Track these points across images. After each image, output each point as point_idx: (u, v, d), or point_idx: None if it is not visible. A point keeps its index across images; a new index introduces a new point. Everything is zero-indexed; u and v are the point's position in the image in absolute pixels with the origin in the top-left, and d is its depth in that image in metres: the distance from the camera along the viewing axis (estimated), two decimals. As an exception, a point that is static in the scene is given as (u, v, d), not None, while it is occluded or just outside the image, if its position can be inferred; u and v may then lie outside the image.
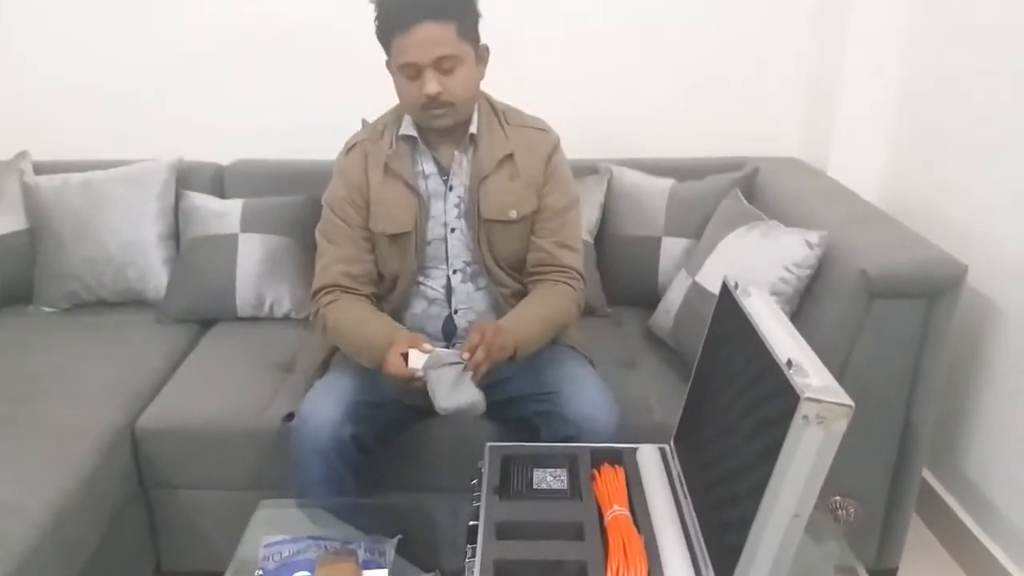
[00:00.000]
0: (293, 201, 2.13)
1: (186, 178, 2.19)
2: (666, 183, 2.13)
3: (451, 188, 1.59)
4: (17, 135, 2.26)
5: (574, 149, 1.76)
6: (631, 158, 2.26)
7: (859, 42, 2.14)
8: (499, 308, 1.63)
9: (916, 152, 2.10)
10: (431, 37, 1.42)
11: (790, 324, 1.11)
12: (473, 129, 1.57)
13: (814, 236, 1.63)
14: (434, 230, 1.60)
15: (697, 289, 1.80)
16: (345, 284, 1.59)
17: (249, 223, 2.07)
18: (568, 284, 1.60)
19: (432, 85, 1.45)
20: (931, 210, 1.98)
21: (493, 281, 1.62)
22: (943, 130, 1.97)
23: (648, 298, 2.06)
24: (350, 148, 1.64)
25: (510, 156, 1.58)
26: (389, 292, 1.65)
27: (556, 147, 1.64)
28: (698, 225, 2.01)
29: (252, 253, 2.04)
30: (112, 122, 2.33)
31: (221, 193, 2.22)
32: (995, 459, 1.80)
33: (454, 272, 1.63)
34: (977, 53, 1.84)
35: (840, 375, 1.57)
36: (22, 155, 2.21)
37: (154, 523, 1.76)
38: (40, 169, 2.19)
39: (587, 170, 2.16)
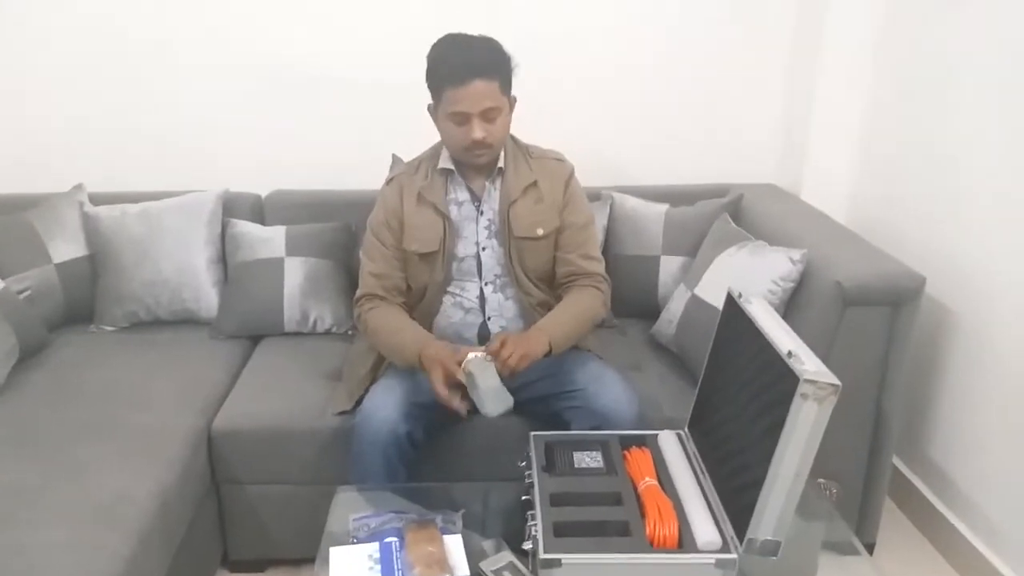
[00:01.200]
0: (331, 227, 2.37)
1: (230, 207, 2.41)
2: (661, 208, 2.40)
3: (482, 212, 1.86)
4: (72, 169, 2.47)
5: (580, 178, 1.99)
6: (630, 185, 2.53)
7: (827, 82, 2.44)
8: (526, 315, 1.89)
9: (879, 178, 2.40)
10: (481, 92, 1.68)
11: (786, 324, 1.38)
12: (501, 163, 1.85)
13: (796, 254, 1.91)
14: (465, 249, 1.87)
15: (696, 301, 2.07)
16: (379, 294, 1.86)
17: (293, 247, 2.30)
18: (595, 287, 1.88)
19: (479, 131, 1.71)
20: (893, 229, 2.27)
21: (521, 291, 1.88)
22: (903, 158, 2.26)
23: (649, 310, 2.32)
24: (389, 181, 1.92)
25: (534, 184, 1.86)
26: (419, 301, 1.90)
27: (572, 174, 1.94)
28: (692, 244, 2.28)
29: (296, 275, 2.27)
30: (158, 157, 2.55)
31: (262, 220, 2.45)
32: (956, 446, 2.08)
33: (486, 284, 1.88)
34: (935, 89, 2.12)
35: (821, 372, 1.87)
36: (79, 187, 2.42)
37: (223, 517, 1.97)
38: (96, 200, 2.39)
39: (591, 197, 2.37)
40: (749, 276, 1.96)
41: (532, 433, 1.60)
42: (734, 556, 1.28)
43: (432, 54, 1.75)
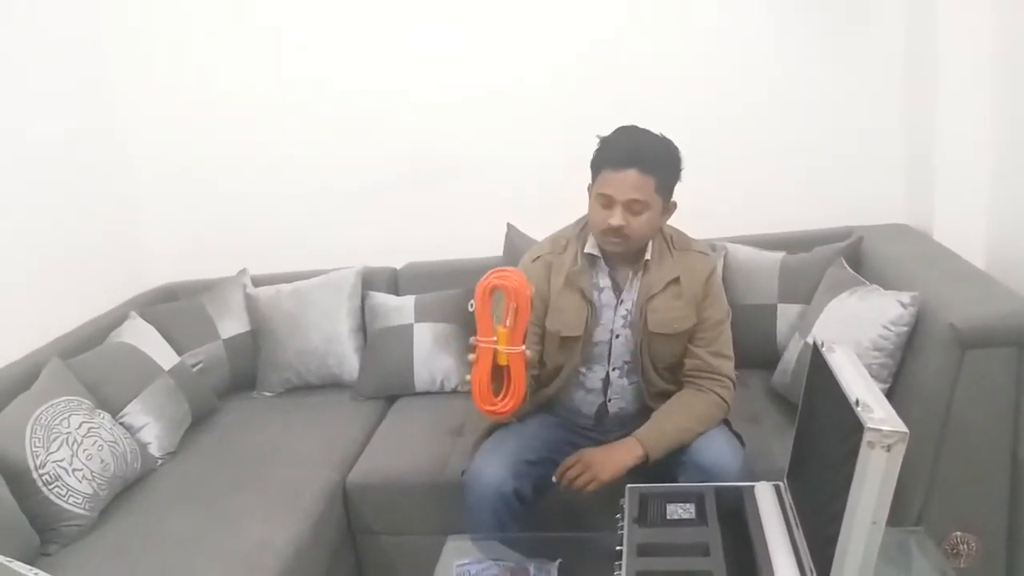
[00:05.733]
0: (454, 294, 2.56)
1: (369, 281, 2.68)
2: (777, 256, 2.39)
3: (621, 302, 1.85)
4: (238, 256, 2.84)
5: (694, 230, 1.98)
6: (748, 235, 2.54)
7: (946, 112, 2.33)
8: (643, 399, 1.90)
9: (1018, 210, 2.25)
10: (632, 182, 1.69)
11: (864, 371, 1.36)
12: (648, 256, 1.83)
13: (906, 296, 1.85)
14: (600, 335, 1.86)
15: (808, 349, 2.04)
16: None
17: (421, 314, 2.51)
18: (718, 392, 1.83)
19: (617, 219, 1.70)
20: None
21: (645, 379, 1.88)
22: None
23: (770, 359, 2.29)
24: (535, 258, 1.89)
25: (676, 279, 1.82)
26: (552, 379, 1.90)
27: (714, 269, 1.89)
28: (809, 292, 2.24)
29: (424, 339, 2.47)
30: (307, 240, 2.88)
31: (396, 291, 2.70)
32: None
33: (613, 369, 1.89)
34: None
35: (944, 419, 1.80)
36: (242, 272, 2.78)
37: (360, 565, 2.15)
38: (257, 282, 2.74)
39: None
40: (859, 322, 1.92)
41: (628, 486, 1.65)
42: (816, 608, 1.27)
43: (604, 137, 1.78)
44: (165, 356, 2.37)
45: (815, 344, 1.52)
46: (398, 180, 2.78)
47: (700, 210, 2.05)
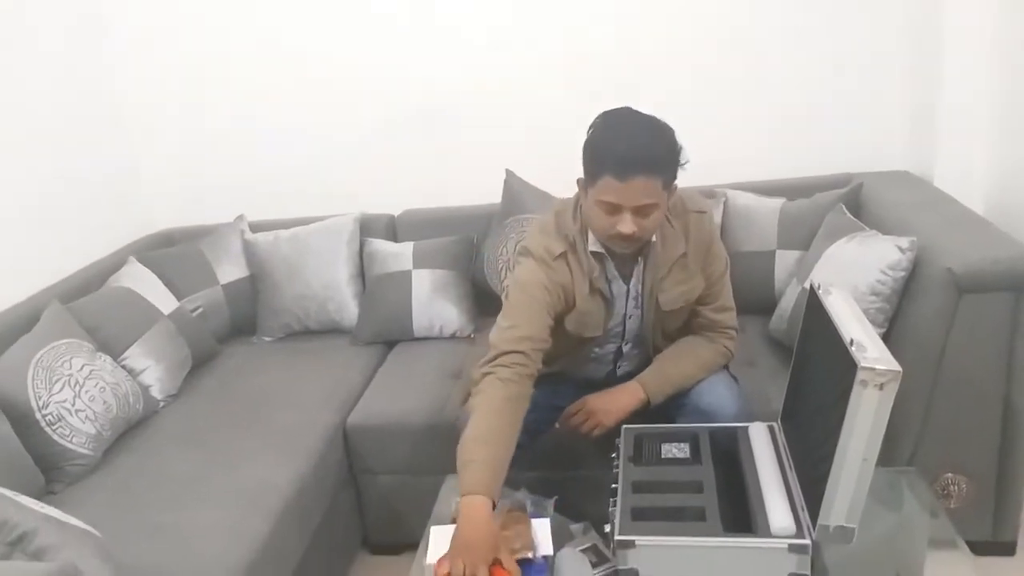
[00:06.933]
0: (452, 240, 2.57)
1: (367, 227, 2.67)
2: (777, 202, 2.38)
3: (631, 287, 1.78)
4: (235, 202, 2.83)
5: (693, 178, 1.86)
6: (749, 181, 2.53)
7: (952, 58, 2.31)
8: (649, 361, 1.87)
9: (1018, 156, 2.24)
10: (641, 189, 1.52)
11: (860, 313, 1.37)
12: (653, 239, 1.70)
13: (904, 241, 1.86)
14: (615, 320, 1.80)
15: (805, 294, 2.04)
16: (526, 352, 1.63)
17: (419, 261, 2.51)
18: (723, 344, 1.82)
19: (628, 226, 1.55)
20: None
21: (653, 347, 1.87)
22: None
23: (767, 305, 2.30)
24: (556, 256, 1.72)
25: (684, 254, 1.74)
26: (562, 355, 1.82)
27: (711, 222, 1.81)
28: (807, 238, 2.24)
29: (423, 285, 2.48)
30: (305, 187, 2.86)
31: (394, 238, 2.69)
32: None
33: (626, 343, 1.87)
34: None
35: (938, 362, 1.82)
36: (240, 218, 2.77)
37: (361, 504, 2.19)
38: (254, 228, 2.73)
39: (707, 195, 2.43)
40: (857, 267, 1.92)
41: (624, 426, 1.67)
42: (807, 541, 1.29)
43: (598, 132, 1.59)
44: (164, 301, 2.37)
45: (812, 286, 1.53)
46: (396, 126, 2.75)
47: (701, 158, 2.00)
